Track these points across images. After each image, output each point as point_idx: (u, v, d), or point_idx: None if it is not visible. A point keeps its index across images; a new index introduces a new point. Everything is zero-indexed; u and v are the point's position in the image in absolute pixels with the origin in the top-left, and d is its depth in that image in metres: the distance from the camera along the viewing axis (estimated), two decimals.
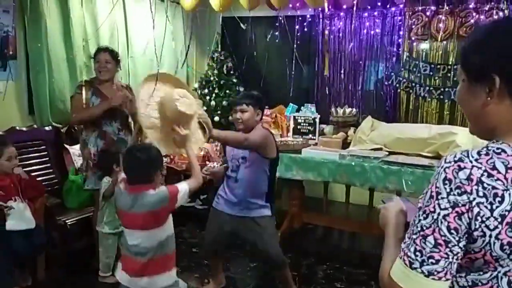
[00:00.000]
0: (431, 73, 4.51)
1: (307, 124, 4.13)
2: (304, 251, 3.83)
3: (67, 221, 3.27)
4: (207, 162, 4.26)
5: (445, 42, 4.37)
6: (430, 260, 0.87)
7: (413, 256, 0.89)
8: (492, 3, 4.04)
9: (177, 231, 2.35)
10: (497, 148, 0.89)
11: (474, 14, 4.12)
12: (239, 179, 2.73)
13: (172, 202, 2.11)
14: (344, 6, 4.51)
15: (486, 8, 4.08)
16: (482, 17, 4.09)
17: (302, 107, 4.26)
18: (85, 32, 4.06)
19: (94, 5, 4.15)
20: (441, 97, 4.47)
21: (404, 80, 4.63)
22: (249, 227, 2.75)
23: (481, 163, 0.87)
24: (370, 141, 3.73)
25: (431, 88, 4.51)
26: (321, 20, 4.94)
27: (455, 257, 0.88)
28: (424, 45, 4.51)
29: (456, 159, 0.88)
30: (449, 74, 4.40)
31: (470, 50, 0.95)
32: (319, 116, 4.16)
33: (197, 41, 5.44)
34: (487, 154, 0.88)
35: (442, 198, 0.87)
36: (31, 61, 3.69)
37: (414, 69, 4.58)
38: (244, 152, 2.69)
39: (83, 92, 3.22)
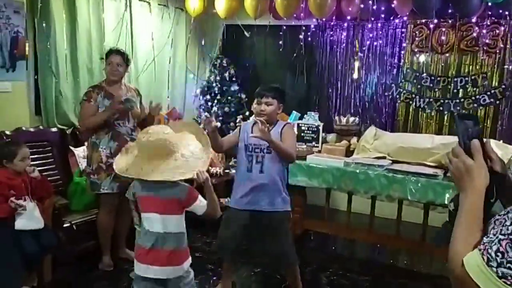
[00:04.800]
0: (431, 84, 4.59)
1: (310, 132, 4.16)
2: (307, 258, 3.85)
3: (73, 222, 3.27)
4: (209, 167, 4.27)
5: (446, 54, 4.47)
6: (508, 265, 0.89)
7: (493, 255, 0.91)
8: (493, 18, 4.15)
9: None
10: None
11: (475, 28, 4.22)
12: (265, 169, 2.70)
13: (189, 197, 2.15)
14: (348, 17, 4.58)
15: (487, 23, 4.18)
16: (483, 31, 4.19)
17: (305, 115, 4.30)
18: (90, 36, 4.09)
19: (101, 9, 4.18)
20: (441, 108, 4.55)
21: (404, 91, 4.72)
22: (271, 221, 2.73)
23: None
24: (374, 149, 3.79)
25: (431, 100, 4.60)
26: (324, 30, 5.02)
27: None
28: (425, 57, 4.60)
29: None
30: (449, 86, 4.50)
31: None
32: (322, 124, 4.20)
33: (199, 47, 5.48)
34: None
35: None
36: (39, 63, 3.71)
37: (415, 81, 4.66)
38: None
39: (92, 98, 3.25)
